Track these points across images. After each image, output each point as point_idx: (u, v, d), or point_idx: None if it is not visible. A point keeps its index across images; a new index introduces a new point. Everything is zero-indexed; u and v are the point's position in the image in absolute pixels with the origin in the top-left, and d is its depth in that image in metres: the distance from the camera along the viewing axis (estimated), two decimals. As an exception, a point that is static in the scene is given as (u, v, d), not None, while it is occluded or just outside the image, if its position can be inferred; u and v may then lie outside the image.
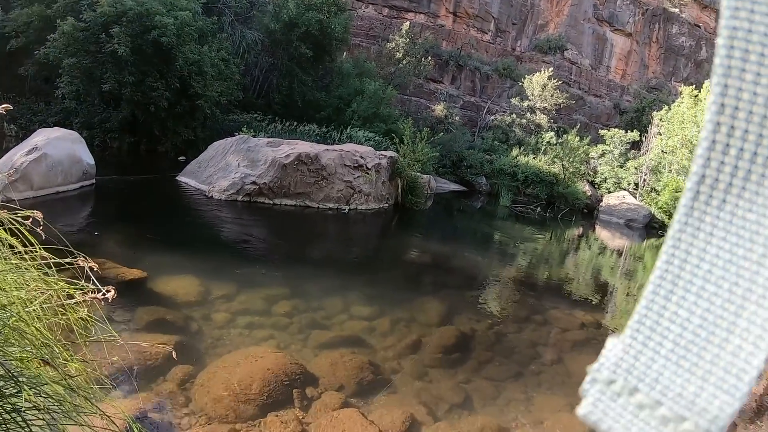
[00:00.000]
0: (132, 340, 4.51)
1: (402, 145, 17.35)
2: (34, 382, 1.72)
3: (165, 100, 15.14)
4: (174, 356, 3.93)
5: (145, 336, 4.98)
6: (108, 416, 1.84)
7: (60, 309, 1.94)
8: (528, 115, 30.36)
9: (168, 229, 9.21)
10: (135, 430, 1.97)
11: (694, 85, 26.87)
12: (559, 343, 7.55)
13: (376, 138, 20.59)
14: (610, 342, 0.39)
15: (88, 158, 10.29)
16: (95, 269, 2.16)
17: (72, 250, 2.02)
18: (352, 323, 6.58)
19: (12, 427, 1.59)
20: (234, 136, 14.27)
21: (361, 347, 5.94)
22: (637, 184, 27.61)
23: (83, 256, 2.14)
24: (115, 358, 2.50)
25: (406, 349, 6.15)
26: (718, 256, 0.36)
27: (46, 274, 1.96)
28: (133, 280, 6.14)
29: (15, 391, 1.66)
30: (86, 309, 2.03)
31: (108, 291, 2.11)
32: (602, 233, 22.37)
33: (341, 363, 5.31)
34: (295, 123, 19.59)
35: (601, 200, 27.26)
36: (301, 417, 4.37)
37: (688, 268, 0.37)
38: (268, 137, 15.20)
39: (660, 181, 25.77)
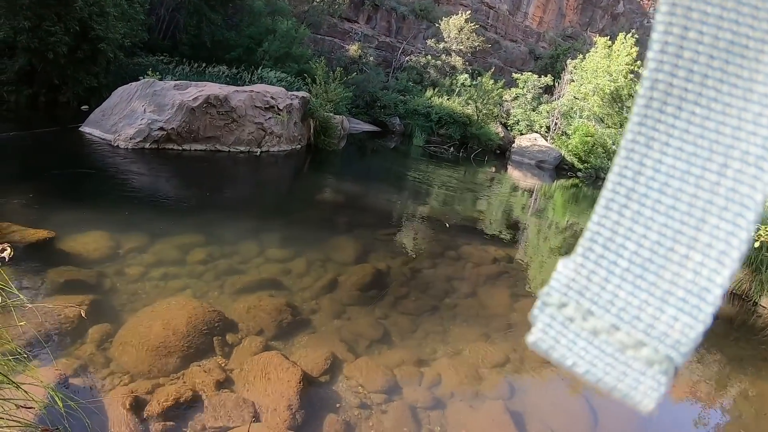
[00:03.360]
0: (44, 304, 4.30)
1: (314, 86, 17.06)
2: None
3: (64, 46, 13.86)
4: (83, 315, 3.79)
5: (58, 299, 4.76)
6: (25, 390, 1.77)
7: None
8: (443, 57, 30.48)
9: (73, 184, 8.68)
10: (57, 399, 1.90)
11: (609, 37, 27.83)
12: (472, 278, 7.90)
13: (288, 78, 20.04)
14: (561, 263, 0.37)
15: (-16, 115, 9.42)
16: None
17: None
18: (268, 266, 6.57)
19: None
20: (139, 80, 13.42)
21: (279, 290, 5.98)
22: (548, 128, 28.73)
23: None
24: (22, 323, 2.38)
25: (323, 288, 6.25)
26: (674, 167, 0.34)
27: None
28: (39, 240, 5.79)
29: None
30: None
31: (4, 249, 1.98)
32: (514, 173, 23.23)
33: (259, 307, 5.33)
34: (204, 64, 18.67)
35: (514, 142, 28.19)
36: (223, 364, 4.39)
37: (642, 180, 0.34)
38: (176, 80, 14.42)
39: (571, 125, 26.89)
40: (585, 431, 4.60)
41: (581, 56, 28.79)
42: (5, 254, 1.85)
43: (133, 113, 12.08)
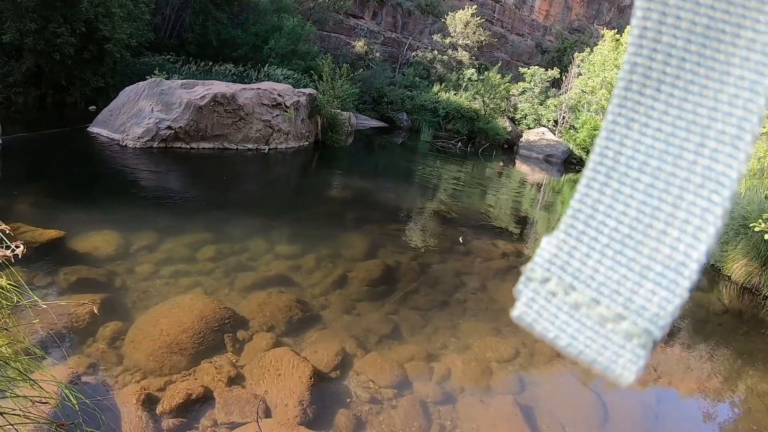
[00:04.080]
0: (57, 302, 4.34)
1: (321, 82, 17.06)
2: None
3: (70, 47, 13.91)
4: (96, 311, 3.82)
5: (70, 298, 4.79)
6: (40, 386, 1.79)
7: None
8: (450, 51, 30.37)
9: (82, 184, 8.74)
10: (69, 396, 1.92)
11: (616, 29, 27.65)
12: (482, 272, 7.89)
13: (295, 76, 20.05)
14: (545, 240, 0.38)
15: (-8, 118, 9.48)
16: (7, 231, 2.03)
17: None
18: (278, 263, 6.60)
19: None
20: (146, 80, 13.47)
21: (289, 286, 5.99)
22: (556, 122, 28.57)
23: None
24: (36, 321, 2.39)
25: (332, 284, 6.26)
26: (653, 146, 0.35)
27: None
28: (50, 240, 5.83)
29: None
30: (4, 277, 1.92)
31: (17, 246, 1.99)
32: (522, 168, 23.14)
33: (270, 303, 5.35)
34: (211, 63, 18.72)
35: (521, 136, 28.07)
36: (234, 361, 4.41)
37: (622, 160, 0.35)
38: (182, 79, 14.46)
39: (579, 119, 26.74)
40: (595, 425, 4.59)
41: (588, 49, 28.61)
42: (18, 251, 1.86)
43: (140, 113, 12.13)
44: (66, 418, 2.43)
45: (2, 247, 2.00)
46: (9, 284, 1.97)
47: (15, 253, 1.93)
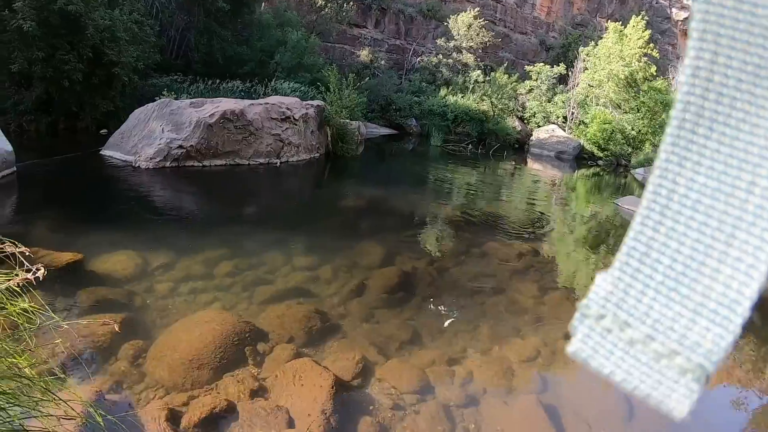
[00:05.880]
0: (78, 321, 4.39)
1: (328, 93, 17.13)
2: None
3: (79, 73, 14.15)
4: (117, 329, 3.86)
5: (91, 319, 4.85)
6: (67, 403, 1.81)
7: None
8: (454, 55, 30.38)
9: (97, 206, 8.86)
10: (95, 413, 1.95)
11: (619, 21, 27.54)
12: (499, 274, 7.86)
13: (302, 88, 20.17)
14: (600, 277, 0.38)
15: (6, 145, 9.59)
16: (27, 253, 2.07)
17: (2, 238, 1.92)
18: (295, 275, 6.62)
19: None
20: (155, 101, 13.64)
21: (307, 297, 6.02)
22: (565, 118, 28.47)
23: (10, 242, 2.04)
24: (59, 341, 2.43)
25: (350, 293, 6.27)
26: (706, 185, 0.35)
27: None
28: (68, 263, 5.91)
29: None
30: (27, 300, 1.95)
31: (38, 269, 2.03)
32: (534, 166, 23.05)
33: (288, 315, 5.37)
34: (218, 81, 18.89)
35: (531, 135, 27.98)
36: (256, 373, 4.43)
37: (676, 198, 0.36)
38: (191, 98, 14.63)
39: (588, 114, 26.61)
40: (620, 422, 4.54)
41: (593, 43, 28.48)
42: (39, 274, 1.90)
43: (151, 134, 12.28)
44: (92, 436, 2.47)
45: (23, 270, 2.03)
46: (31, 306, 2.00)
47: (36, 275, 1.96)
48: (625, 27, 26.21)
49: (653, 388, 0.35)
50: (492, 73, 28.78)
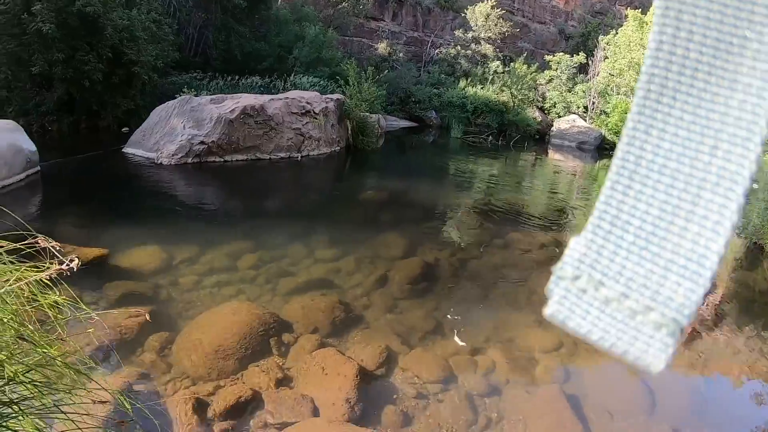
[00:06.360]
0: (110, 312, 4.48)
1: (348, 87, 17.14)
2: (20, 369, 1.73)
3: (99, 73, 14.36)
4: (148, 318, 3.92)
5: (121, 310, 4.95)
6: (97, 392, 1.87)
7: (32, 296, 1.92)
8: (473, 46, 30.17)
9: (121, 202, 9.00)
10: (124, 401, 2.00)
11: (639, 9, 27.09)
12: (521, 264, 7.82)
13: (321, 82, 20.21)
14: (573, 240, 0.40)
15: (30, 146, 9.78)
16: (57, 247, 2.12)
17: (33, 232, 1.98)
18: (318, 267, 6.66)
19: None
20: (175, 98, 13.78)
21: (330, 288, 6.05)
22: (586, 108, 28.10)
23: (43, 237, 2.10)
24: (90, 330, 2.50)
25: (373, 284, 6.29)
26: (671, 150, 0.37)
27: (12, 263, 1.93)
28: (95, 258, 6.01)
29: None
30: (58, 293, 2.01)
31: (72, 260, 2.07)
32: (555, 157, 22.82)
33: (312, 306, 5.42)
34: (237, 77, 19.03)
35: (552, 125, 27.68)
36: (281, 363, 4.48)
37: (643, 163, 0.38)
38: (211, 95, 14.74)
39: (609, 103, 26.24)
40: (643, 412, 4.50)
41: (613, 31, 28.04)
42: (73, 264, 1.94)
43: (173, 131, 12.41)
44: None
45: (57, 263, 2.08)
46: (62, 299, 2.05)
47: (70, 266, 2.01)
48: (645, 14, 25.76)
49: (630, 344, 0.36)
50: (511, 64, 28.52)
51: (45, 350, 1.95)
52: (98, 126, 15.80)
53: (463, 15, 31.08)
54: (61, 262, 2.05)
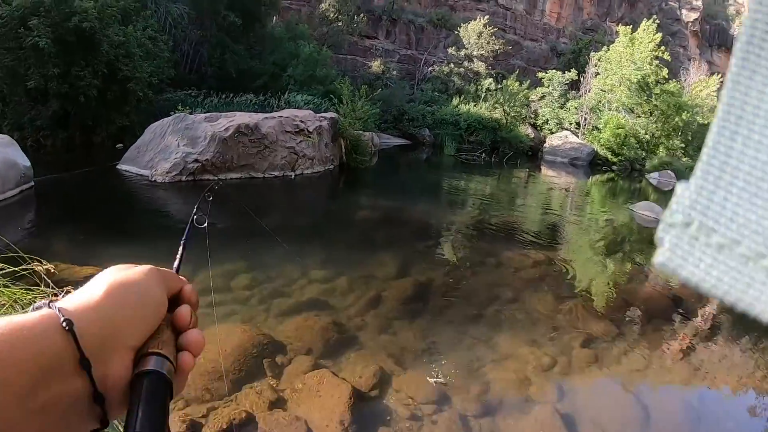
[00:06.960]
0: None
1: (341, 105, 17.27)
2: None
3: (94, 89, 14.45)
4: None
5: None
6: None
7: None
8: (466, 63, 30.51)
9: (115, 220, 9.00)
10: (117, 423, 2.01)
11: (630, 25, 27.50)
12: (514, 283, 7.86)
13: (315, 101, 20.38)
14: (680, 186, 0.38)
15: (24, 160, 9.79)
16: (52, 271, 2.14)
17: (25, 256, 2.00)
18: (312, 287, 6.67)
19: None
20: (170, 115, 13.85)
21: (324, 309, 6.06)
22: (578, 124, 28.40)
23: (38, 260, 2.12)
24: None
25: (367, 305, 6.31)
26: None
27: (6, 286, 1.94)
28: (88, 277, 5.91)
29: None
30: None
31: (68, 292, 2.10)
32: (548, 173, 22.99)
33: (306, 327, 5.43)
34: (231, 94, 19.15)
35: (545, 141, 27.94)
36: (274, 385, 4.48)
37: (748, 108, 0.36)
38: (205, 112, 14.84)
39: (601, 119, 26.55)
40: (637, 428, 4.53)
41: (605, 48, 28.44)
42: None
43: (167, 148, 12.45)
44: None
45: (51, 290, 2.11)
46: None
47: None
48: (635, 30, 26.16)
49: (743, 291, 0.35)
50: (504, 81, 28.84)
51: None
52: (93, 141, 15.82)
53: (455, 33, 31.46)
54: (55, 294, 2.07)
